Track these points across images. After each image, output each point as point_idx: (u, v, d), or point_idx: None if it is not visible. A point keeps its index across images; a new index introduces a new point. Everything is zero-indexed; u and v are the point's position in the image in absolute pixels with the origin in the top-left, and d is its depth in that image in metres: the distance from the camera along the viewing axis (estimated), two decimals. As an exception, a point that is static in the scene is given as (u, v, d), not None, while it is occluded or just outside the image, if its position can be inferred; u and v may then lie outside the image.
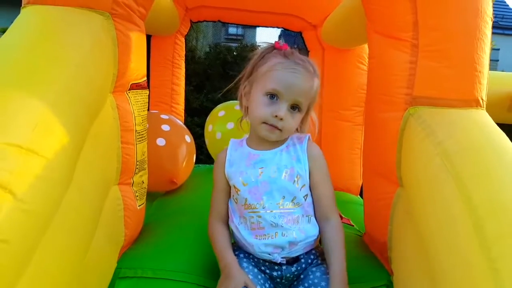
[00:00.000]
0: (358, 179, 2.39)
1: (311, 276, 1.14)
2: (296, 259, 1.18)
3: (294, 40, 2.86)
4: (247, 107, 1.21)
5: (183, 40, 2.70)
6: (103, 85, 1.18)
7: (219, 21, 2.72)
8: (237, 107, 1.30)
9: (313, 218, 1.19)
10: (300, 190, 1.17)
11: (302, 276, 1.18)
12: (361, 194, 1.62)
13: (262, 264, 1.18)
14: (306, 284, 1.13)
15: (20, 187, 0.73)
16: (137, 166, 1.37)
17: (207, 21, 2.82)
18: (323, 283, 1.11)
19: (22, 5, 1.17)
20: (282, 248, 1.15)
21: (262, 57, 1.19)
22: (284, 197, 1.15)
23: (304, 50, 2.67)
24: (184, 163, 1.95)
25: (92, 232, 1.08)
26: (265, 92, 1.13)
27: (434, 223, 0.98)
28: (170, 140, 1.89)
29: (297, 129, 1.22)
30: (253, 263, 1.18)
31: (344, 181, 2.35)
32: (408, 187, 1.20)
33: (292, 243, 1.14)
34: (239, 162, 1.22)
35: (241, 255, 1.20)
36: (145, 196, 1.50)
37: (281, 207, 1.14)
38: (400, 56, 1.24)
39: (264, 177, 1.16)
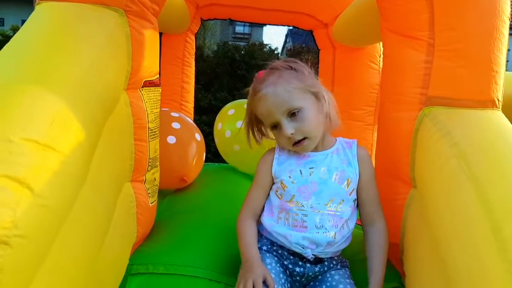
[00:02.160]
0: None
1: (330, 279, 1.16)
2: (320, 261, 1.19)
3: (303, 39, 2.85)
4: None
5: (194, 38, 2.70)
6: (117, 82, 1.18)
7: (229, 19, 2.71)
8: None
9: (351, 223, 1.20)
10: (350, 194, 1.19)
11: (320, 277, 1.19)
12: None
13: (286, 258, 1.18)
14: (324, 286, 1.15)
15: (38, 183, 0.73)
16: (149, 163, 1.37)
17: (217, 19, 2.81)
18: (340, 286, 1.13)
19: (37, 2, 1.17)
20: (318, 245, 1.15)
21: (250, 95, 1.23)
22: (333, 199, 1.16)
23: (314, 49, 2.66)
24: (194, 161, 1.94)
25: (106, 229, 1.09)
26: (269, 127, 1.21)
27: (450, 225, 0.97)
28: (180, 138, 1.89)
29: (329, 117, 1.19)
30: (276, 258, 1.18)
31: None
32: (422, 188, 1.18)
33: (329, 243, 1.15)
34: (289, 161, 1.22)
35: (264, 248, 1.20)
36: (157, 193, 1.50)
37: (328, 208, 1.15)
38: (415, 56, 1.23)
39: (314, 177, 1.17)
